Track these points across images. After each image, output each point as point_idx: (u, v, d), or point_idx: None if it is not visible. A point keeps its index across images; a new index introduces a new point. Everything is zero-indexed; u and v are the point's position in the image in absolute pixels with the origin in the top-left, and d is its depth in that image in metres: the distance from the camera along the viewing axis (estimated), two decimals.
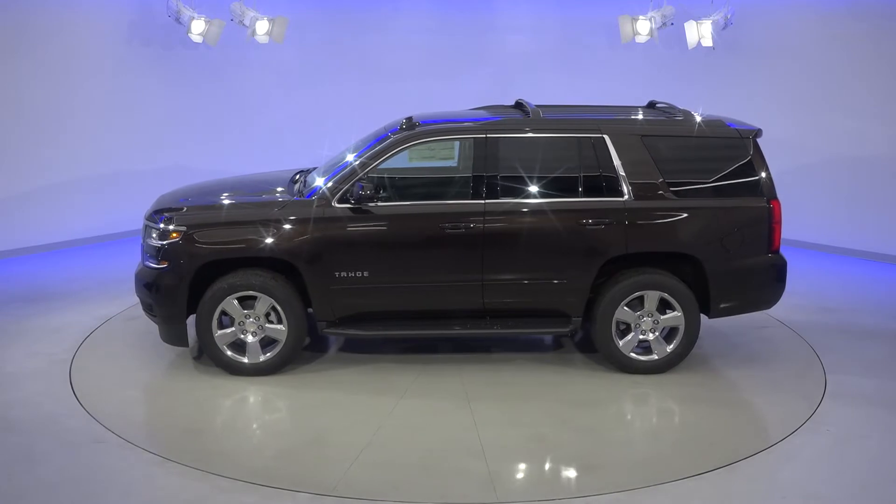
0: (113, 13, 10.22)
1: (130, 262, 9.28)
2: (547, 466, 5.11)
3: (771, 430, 5.64)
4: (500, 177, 6.20)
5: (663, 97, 7.41)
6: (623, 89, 11.03)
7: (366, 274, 6.17)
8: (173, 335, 6.34)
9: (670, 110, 6.81)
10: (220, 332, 6.24)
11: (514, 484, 4.89)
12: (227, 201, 6.58)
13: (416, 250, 6.22)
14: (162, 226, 6.21)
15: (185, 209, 6.38)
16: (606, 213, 6.17)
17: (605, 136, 6.25)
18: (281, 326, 6.23)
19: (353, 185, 6.12)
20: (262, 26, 10.22)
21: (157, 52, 10.65)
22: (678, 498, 4.72)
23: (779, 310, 6.57)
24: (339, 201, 6.14)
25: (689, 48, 10.02)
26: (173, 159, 10.85)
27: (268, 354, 6.29)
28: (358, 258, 6.15)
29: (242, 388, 6.18)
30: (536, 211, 6.21)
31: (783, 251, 6.51)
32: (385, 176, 6.33)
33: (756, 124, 6.53)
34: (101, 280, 8.74)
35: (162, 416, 5.83)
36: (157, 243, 6.20)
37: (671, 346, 6.34)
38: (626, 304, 6.27)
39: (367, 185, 6.06)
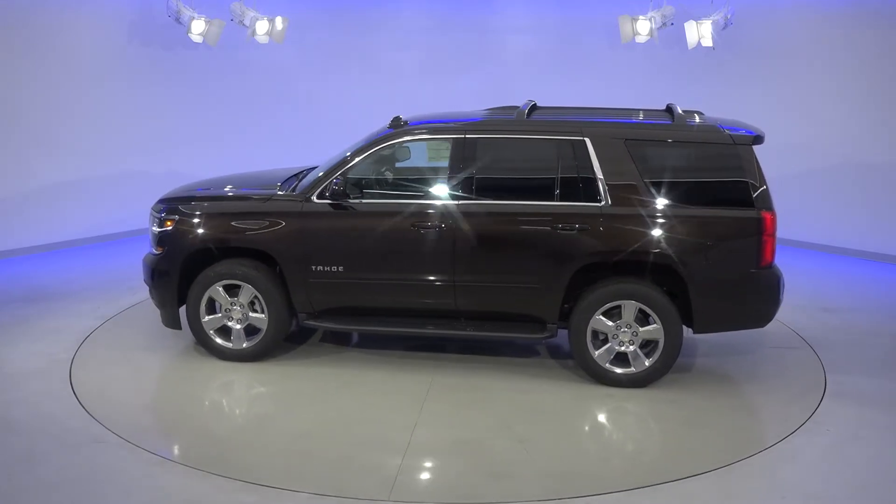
0: (113, 13, 10.23)
1: (130, 262, 9.35)
2: (458, 470, 5.01)
3: (771, 430, 5.64)
4: (477, 177, 6.15)
5: (663, 97, 7.41)
6: (623, 89, 11.04)
7: (341, 269, 6.27)
8: (168, 318, 6.66)
9: (672, 112, 6.55)
10: (207, 317, 6.51)
11: (415, 484, 4.84)
12: (221, 193, 6.85)
13: (390, 248, 6.24)
14: (163, 215, 6.56)
15: (180, 200, 6.69)
16: (580, 217, 5.97)
17: (586, 138, 6.04)
18: (263, 315, 6.44)
19: (330, 181, 6.26)
20: (262, 26, 10.22)
21: (157, 53, 10.65)
22: (678, 498, 4.72)
23: (779, 309, 6.48)
24: (318, 197, 6.29)
25: (689, 48, 10.02)
26: (173, 159, 10.87)
27: (246, 343, 6.53)
28: (334, 253, 6.28)
29: (234, 382, 6.32)
30: (509, 213, 6.10)
31: (783, 255, 6.41)
32: (364, 174, 6.41)
33: (755, 124, 6.45)
34: (101, 280, 8.75)
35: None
36: (156, 230, 6.58)
37: (649, 360, 6.06)
38: (605, 314, 6.04)
39: (342, 182, 6.21)
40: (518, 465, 5.07)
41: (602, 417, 5.88)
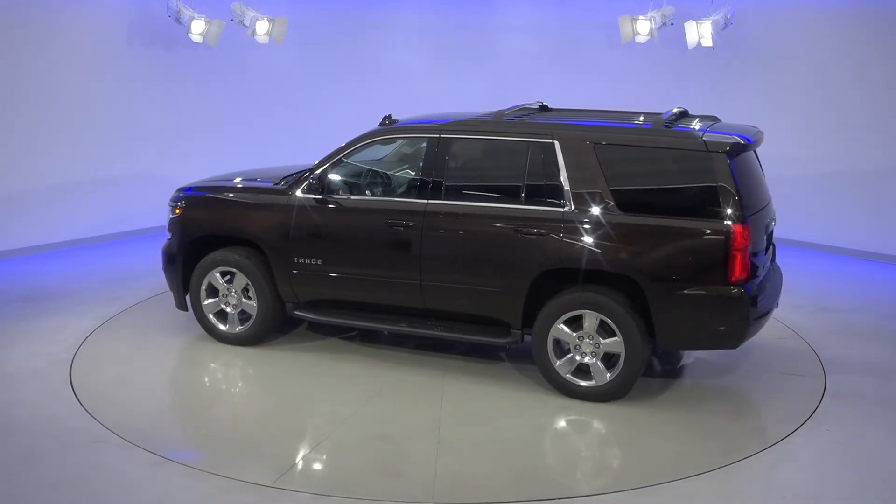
0: (113, 13, 10.22)
1: (130, 262, 9.38)
2: (357, 466, 5.03)
3: (771, 430, 5.64)
4: (447, 178, 6.15)
5: (663, 97, 7.43)
6: (623, 89, 11.04)
7: (320, 262, 6.44)
8: (178, 301, 7.03)
9: (655, 115, 6.35)
10: (206, 301, 6.84)
11: (305, 475, 4.92)
12: (224, 184, 7.10)
13: (363, 244, 6.37)
14: (175, 203, 6.99)
15: (189, 188, 7.07)
16: (542, 222, 5.81)
17: (555, 141, 5.88)
18: (254, 302, 6.70)
19: (309, 177, 6.47)
20: (262, 26, 10.22)
21: (158, 53, 10.64)
22: (678, 498, 4.72)
23: (779, 309, 6.47)
24: (301, 192, 6.50)
25: (689, 48, 10.02)
26: (173, 159, 10.85)
27: (239, 328, 6.81)
28: (313, 246, 6.47)
29: (226, 370, 6.60)
30: (473, 215, 6.03)
31: (784, 255, 6.33)
32: (344, 171, 6.55)
33: (755, 124, 6.41)
34: (101, 280, 8.74)
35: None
36: (169, 217, 6.99)
37: (610, 374, 5.77)
38: (569, 324, 5.83)
39: (319, 177, 6.40)
40: (420, 466, 5.04)
41: (542, 427, 5.67)
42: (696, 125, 6.05)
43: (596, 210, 5.74)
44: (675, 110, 6.40)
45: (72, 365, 6.48)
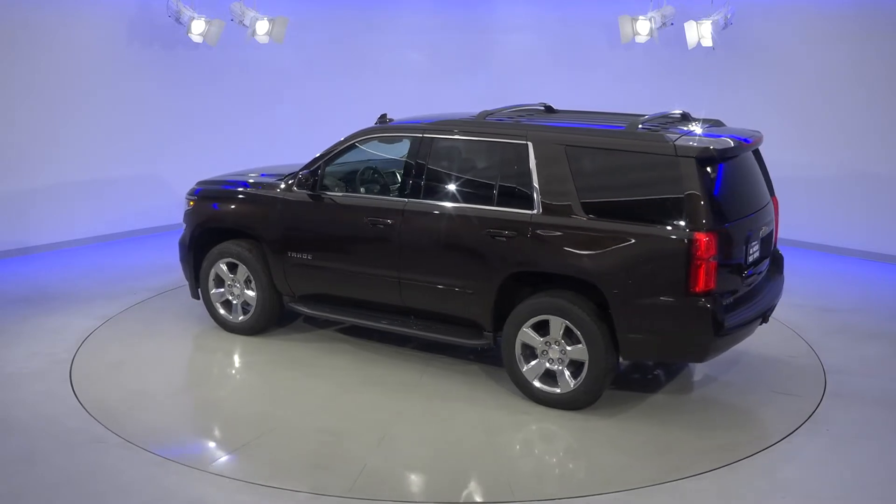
0: (113, 13, 10.22)
1: (130, 262, 9.38)
2: (293, 457, 5.12)
3: (771, 430, 5.63)
4: (427, 177, 6.18)
5: (663, 97, 7.42)
6: (623, 89, 11.04)
7: (310, 257, 6.60)
8: (192, 290, 7.31)
9: (658, 118, 6.21)
10: (214, 290, 7.09)
11: (238, 462, 5.04)
12: (234, 179, 7.31)
13: (348, 241, 6.51)
14: (191, 196, 7.27)
15: (204, 182, 7.38)
16: (511, 224, 5.75)
17: (528, 143, 5.81)
18: (253, 293, 6.91)
19: (301, 174, 6.62)
20: (262, 26, 10.22)
21: (158, 53, 10.65)
22: (678, 498, 4.72)
23: (779, 310, 6.44)
24: (295, 188, 6.69)
25: (689, 48, 10.02)
26: (173, 159, 10.86)
27: (241, 317, 7.04)
28: (304, 241, 6.66)
29: (224, 365, 6.76)
30: (447, 215, 6.06)
31: (785, 255, 6.30)
32: (334, 168, 6.71)
33: (754, 124, 6.39)
34: (101, 280, 8.74)
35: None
36: (185, 209, 7.28)
37: (574, 382, 5.63)
38: (536, 329, 5.72)
39: (309, 175, 6.55)
40: (351, 461, 5.08)
41: (495, 430, 5.54)
42: (694, 129, 5.89)
43: (563, 214, 5.63)
44: (676, 112, 6.36)
45: (72, 365, 6.48)
